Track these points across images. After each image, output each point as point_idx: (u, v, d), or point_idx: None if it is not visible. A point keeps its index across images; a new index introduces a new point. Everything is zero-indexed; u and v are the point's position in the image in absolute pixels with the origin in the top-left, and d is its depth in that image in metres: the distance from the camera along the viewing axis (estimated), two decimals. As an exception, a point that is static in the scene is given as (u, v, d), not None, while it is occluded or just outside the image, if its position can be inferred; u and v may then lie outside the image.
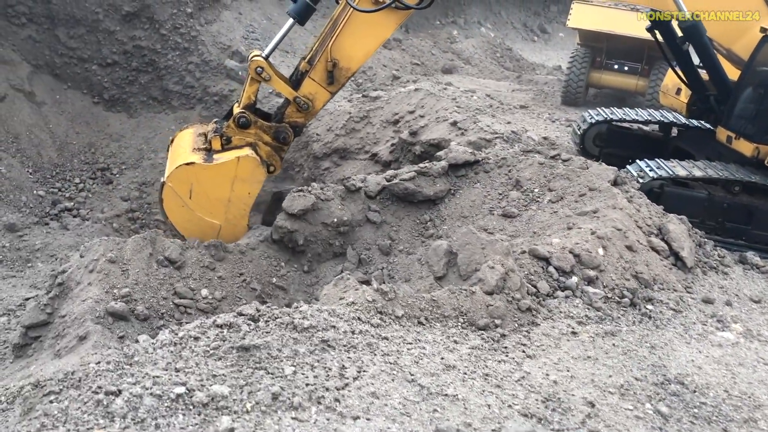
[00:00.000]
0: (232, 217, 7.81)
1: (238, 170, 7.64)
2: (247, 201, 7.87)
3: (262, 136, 7.96)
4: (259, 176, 7.83)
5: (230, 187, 7.67)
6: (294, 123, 8.12)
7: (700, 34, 8.59)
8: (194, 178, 7.59)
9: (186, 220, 7.72)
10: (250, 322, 4.77)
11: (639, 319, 6.04)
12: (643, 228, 7.16)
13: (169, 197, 7.69)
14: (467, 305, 5.49)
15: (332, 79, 7.85)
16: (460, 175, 8.31)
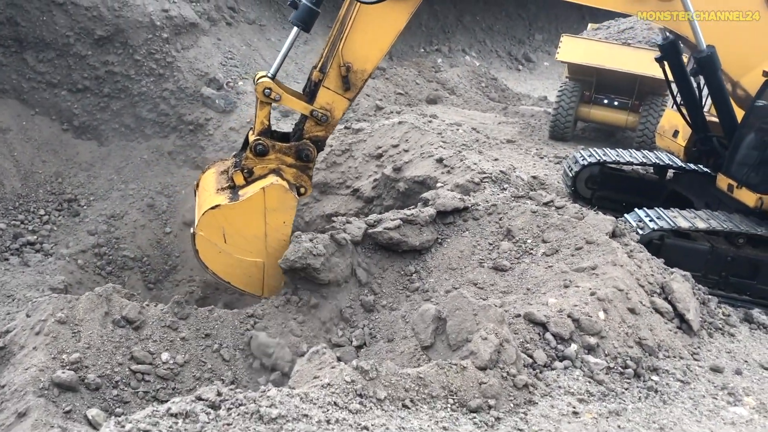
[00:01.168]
0: (273, 251, 7.20)
1: (266, 201, 7.14)
2: (285, 230, 7.28)
3: (284, 159, 7.44)
4: (290, 202, 7.30)
5: (263, 220, 7.18)
6: (315, 138, 7.56)
7: (714, 66, 8.10)
8: (224, 221, 7.12)
9: (227, 265, 7.26)
10: (209, 410, 4.14)
11: (645, 395, 5.48)
12: (645, 287, 6.63)
13: (203, 246, 7.23)
14: (458, 383, 4.90)
15: (348, 85, 7.29)
16: (448, 223, 7.77)
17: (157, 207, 13.78)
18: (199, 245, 7.24)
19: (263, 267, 7.29)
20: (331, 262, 6.78)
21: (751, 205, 7.85)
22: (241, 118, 14.64)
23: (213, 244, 7.18)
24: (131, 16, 14.51)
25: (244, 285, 7.39)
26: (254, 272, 7.28)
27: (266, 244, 7.20)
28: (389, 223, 7.32)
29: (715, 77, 8.22)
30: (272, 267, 7.19)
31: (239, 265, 7.25)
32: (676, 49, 8.62)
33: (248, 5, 18.34)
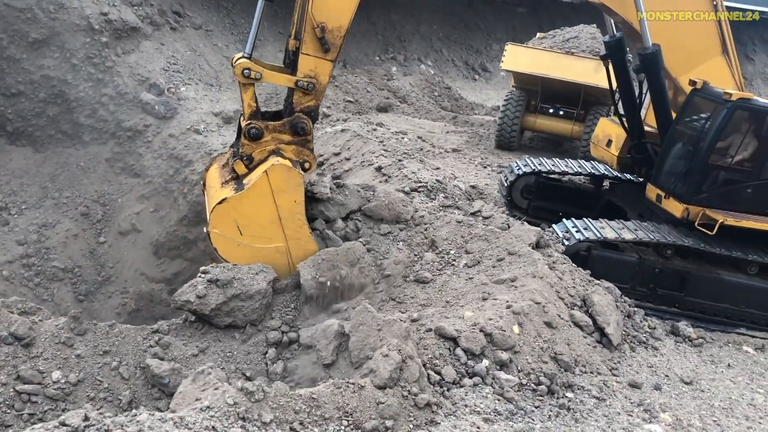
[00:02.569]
0: (293, 232, 7.03)
1: (272, 184, 6.88)
2: (298, 209, 7.02)
3: (280, 137, 7.19)
4: (296, 179, 6.97)
5: (273, 204, 6.92)
6: (307, 109, 7.27)
7: (658, 64, 8.13)
8: (235, 213, 6.88)
9: (250, 257, 6.94)
10: (71, 438, 3.81)
11: (556, 413, 5.28)
12: (565, 299, 6.46)
13: (220, 244, 6.97)
14: (354, 403, 4.64)
15: (327, 46, 6.90)
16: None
17: (92, 216, 13.32)
18: (216, 243, 6.99)
19: (287, 250, 7.11)
20: (230, 306, 6.38)
21: (678, 215, 7.78)
22: (182, 125, 14.26)
23: (230, 239, 6.95)
24: (68, 18, 14.07)
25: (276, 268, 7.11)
26: (278, 258, 7.07)
27: (282, 226, 7.00)
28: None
29: (657, 76, 8.23)
30: (295, 248, 7.07)
31: (261, 254, 7.02)
32: (622, 47, 8.63)
33: (195, 10, 17.96)
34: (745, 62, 36.68)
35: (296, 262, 7.08)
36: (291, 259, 7.16)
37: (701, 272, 7.69)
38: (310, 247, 7.12)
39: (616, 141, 9.25)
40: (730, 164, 7.92)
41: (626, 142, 9.05)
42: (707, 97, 8.01)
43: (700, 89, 8.05)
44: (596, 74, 12.96)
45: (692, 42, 8.60)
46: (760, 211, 7.88)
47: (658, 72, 8.22)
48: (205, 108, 14.94)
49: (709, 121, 7.78)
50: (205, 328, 6.48)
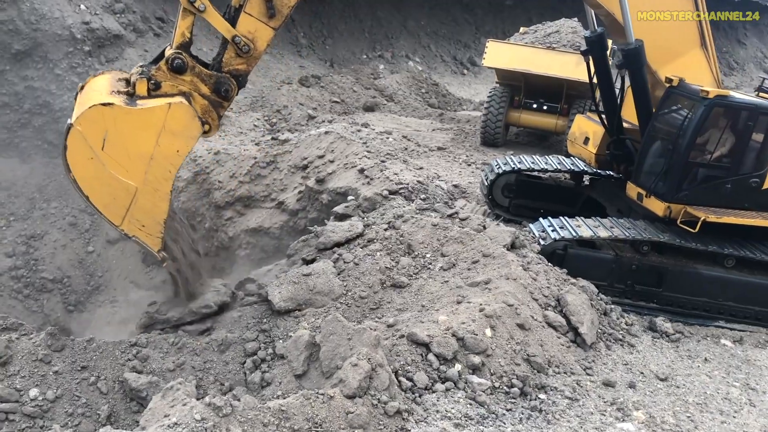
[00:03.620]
0: (153, 179, 6.16)
1: (168, 120, 6.06)
2: (174, 161, 6.24)
3: (199, 85, 6.33)
4: (193, 131, 6.25)
5: (155, 140, 6.08)
6: (235, 71, 6.46)
7: (641, 60, 8.06)
8: (111, 123, 5.90)
9: (93, 176, 6.02)
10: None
11: (528, 415, 5.33)
12: (539, 300, 6.51)
13: (75, 145, 5.92)
14: (323, 414, 4.69)
15: (273, 11, 6.31)
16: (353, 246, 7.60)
17: (80, 225, 13.35)
18: (71, 141, 5.94)
19: (134, 194, 6.17)
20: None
21: (660, 213, 7.76)
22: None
23: (88, 146, 5.93)
24: (50, 29, 14.08)
25: (104, 207, 6.21)
26: (121, 196, 6.17)
27: (148, 168, 6.12)
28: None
29: (640, 72, 8.17)
30: (144, 198, 6.17)
31: (108, 181, 6.07)
32: (603, 43, 8.62)
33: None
34: (737, 47, 36.72)
35: (136, 216, 6.28)
36: (131, 208, 6.23)
37: (678, 267, 7.74)
38: (161, 206, 6.33)
39: (593, 138, 9.25)
40: (710, 161, 7.91)
41: (604, 139, 9.05)
42: (684, 94, 8.00)
43: (676, 86, 8.05)
44: (577, 68, 12.97)
45: (672, 35, 8.55)
46: (739, 206, 7.89)
47: (641, 68, 8.17)
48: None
49: (687, 118, 7.78)
50: (182, 342, 6.54)
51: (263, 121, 15.43)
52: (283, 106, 15.99)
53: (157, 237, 6.53)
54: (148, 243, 6.52)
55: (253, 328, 6.77)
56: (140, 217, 6.26)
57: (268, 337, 6.68)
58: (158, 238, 6.55)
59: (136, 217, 6.25)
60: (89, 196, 6.10)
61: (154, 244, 6.58)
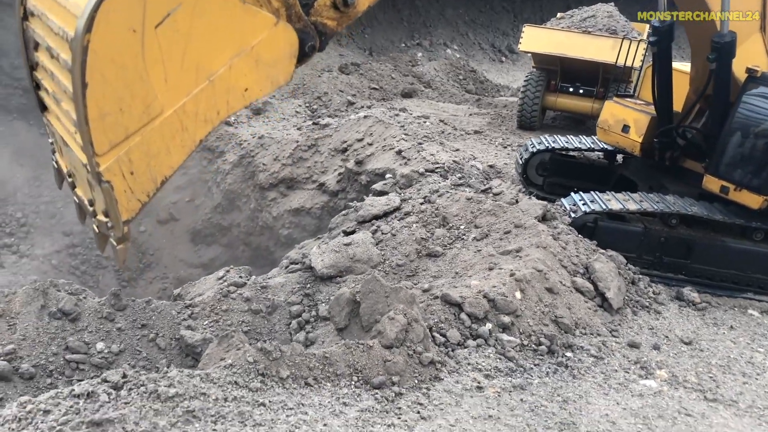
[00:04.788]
0: (192, 112, 3.85)
1: (263, 38, 4.02)
2: (235, 101, 4.01)
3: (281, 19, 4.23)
4: (283, 73, 4.25)
5: (233, 56, 3.93)
6: (322, 25, 4.57)
7: (732, 53, 7.77)
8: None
9: (117, 61, 3.46)
10: (111, 391, 4.39)
11: (554, 370, 5.68)
12: (568, 267, 6.83)
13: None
14: (363, 361, 5.12)
15: None
16: (391, 219, 8.01)
17: (132, 207, 14.03)
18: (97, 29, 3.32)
19: (151, 120, 3.71)
20: None
21: (756, 207, 7.76)
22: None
23: (140, 10, 3.47)
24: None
25: (98, 115, 3.58)
26: (134, 113, 4.01)
27: (196, 93, 3.80)
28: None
29: (728, 66, 7.87)
30: (160, 134, 3.78)
31: (133, 79, 3.60)
32: (671, 33, 8.31)
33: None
34: None
35: (132, 154, 3.67)
36: (133, 139, 3.65)
37: (706, 240, 7.94)
38: (173, 159, 3.88)
39: (635, 126, 9.10)
40: None
41: (650, 127, 8.91)
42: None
43: (759, 78, 7.84)
44: (613, 52, 13.19)
45: (739, 21, 8.05)
46: None
47: (731, 60, 7.87)
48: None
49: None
50: (231, 305, 7.04)
51: (304, 108, 15.93)
52: (323, 93, 16.46)
53: (137, 201, 3.87)
54: (120, 204, 3.73)
55: (298, 292, 7.23)
56: (138, 158, 3.79)
57: (312, 301, 7.14)
58: (137, 205, 3.88)
59: (133, 155, 3.78)
60: (89, 85, 3.42)
61: (128, 210, 3.82)
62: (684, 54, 16.22)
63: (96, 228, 3.92)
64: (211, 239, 13.66)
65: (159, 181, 3.92)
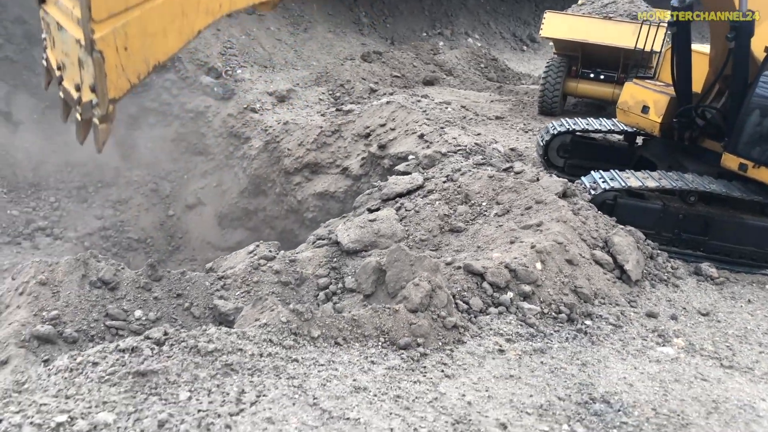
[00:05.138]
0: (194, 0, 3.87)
1: None
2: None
3: None
4: None
5: None
6: None
7: (751, 33, 7.83)
8: None
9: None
10: (154, 346, 4.68)
11: (573, 336, 5.89)
12: (587, 241, 7.02)
13: None
14: (389, 324, 5.37)
15: None
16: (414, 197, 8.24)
17: (161, 191, 14.43)
18: None
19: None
20: None
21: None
22: (239, 105, 15.21)
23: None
24: None
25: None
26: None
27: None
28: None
29: (747, 46, 7.93)
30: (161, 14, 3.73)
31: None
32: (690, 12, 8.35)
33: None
34: None
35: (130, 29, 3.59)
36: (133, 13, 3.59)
37: (725, 217, 8.07)
38: (169, 43, 3.84)
39: (655, 107, 9.24)
40: None
41: (670, 108, 9.04)
42: None
43: None
44: (634, 37, 13.26)
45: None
46: None
47: (749, 40, 7.92)
48: (260, 88, 15.85)
49: None
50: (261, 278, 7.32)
51: (327, 95, 16.19)
52: (346, 81, 16.70)
53: (126, 81, 3.71)
54: (109, 79, 3.60)
55: (325, 266, 7.49)
56: (134, 33, 3.68)
57: (338, 274, 7.40)
58: (127, 84, 3.71)
59: (129, 29, 3.66)
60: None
61: (116, 88, 3.67)
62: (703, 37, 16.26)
63: (79, 116, 3.74)
64: (237, 223, 14.01)
65: (151, 65, 3.80)
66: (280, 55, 17.80)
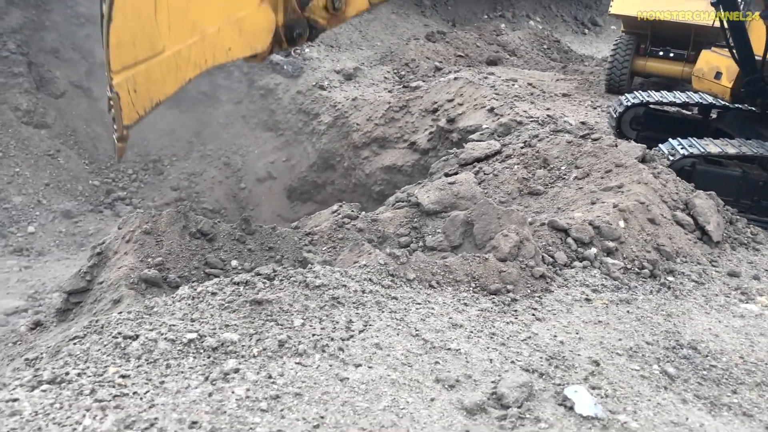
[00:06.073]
0: (185, 57, 5.05)
1: (249, 15, 5.26)
2: (219, 56, 5.24)
3: (279, 10, 5.48)
4: (259, 43, 5.42)
5: (222, 22, 5.18)
6: (314, 21, 5.69)
7: None
8: None
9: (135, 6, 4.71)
10: (265, 281, 5.02)
11: (657, 289, 6.03)
12: (668, 202, 7.11)
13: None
14: (480, 271, 5.61)
15: None
16: (492, 161, 8.44)
17: (233, 165, 14.94)
18: None
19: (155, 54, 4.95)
20: None
21: None
22: (308, 82, 15.59)
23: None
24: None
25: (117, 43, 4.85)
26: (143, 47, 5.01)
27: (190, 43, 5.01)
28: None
29: None
30: (161, 67, 4.98)
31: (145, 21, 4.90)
32: None
33: (314, -22, 19.23)
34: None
35: (138, 76, 4.85)
36: (140, 66, 4.87)
37: (806, 184, 8.05)
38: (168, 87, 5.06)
39: (726, 73, 9.33)
40: None
41: (740, 74, 9.03)
42: None
43: None
44: (704, 14, 13.11)
45: None
46: None
47: None
48: (327, 66, 16.20)
49: None
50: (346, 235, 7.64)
51: (393, 74, 16.44)
52: (410, 60, 16.92)
53: (136, 113, 5.01)
54: (123, 112, 4.86)
55: (406, 226, 7.75)
56: (141, 81, 4.93)
57: (419, 233, 7.65)
58: (136, 116, 5.02)
59: (137, 78, 4.89)
60: (114, 20, 4.63)
61: (128, 118, 4.95)
62: None
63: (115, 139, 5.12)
64: (305, 196, 14.41)
65: (154, 102, 5.04)
66: (346, 35, 18.11)
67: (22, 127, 14.14)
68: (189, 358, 4.07)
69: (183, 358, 4.06)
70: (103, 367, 3.92)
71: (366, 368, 4.21)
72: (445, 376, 4.26)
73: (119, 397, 3.62)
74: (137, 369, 3.92)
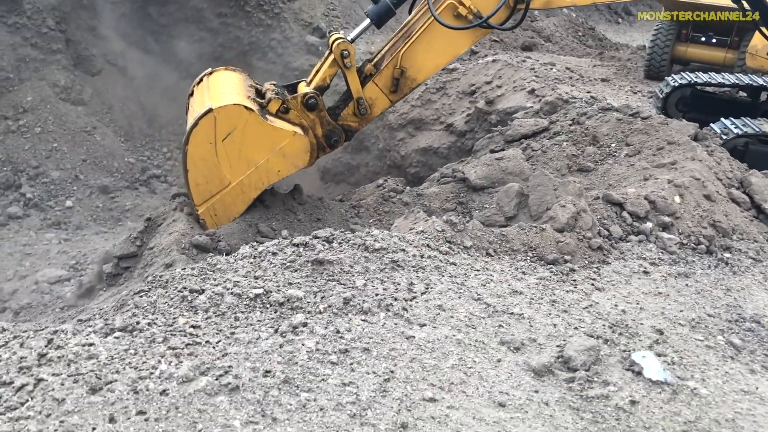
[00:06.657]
0: (247, 184, 7.01)
1: (287, 144, 7.02)
2: (271, 178, 7.12)
3: (317, 126, 7.35)
4: (299, 161, 7.27)
5: (267, 154, 6.98)
6: (348, 126, 7.61)
7: None
8: (242, 124, 6.75)
9: (202, 158, 6.83)
10: (324, 243, 4.99)
11: (715, 264, 5.92)
12: (723, 180, 6.98)
13: (205, 126, 6.67)
14: (537, 241, 5.54)
15: (396, 88, 7.42)
16: (540, 138, 8.35)
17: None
18: (203, 123, 6.65)
19: (225, 187, 6.99)
20: None
21: None
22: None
23: (213, 133, 6.71)
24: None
25: (195, 185, 6.96)
26: (214, 184, 6.97)
27: (248, 173, 6.97)
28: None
29: None
30: (231, 195, 7.01)
31: (211, 167, 6.88)
32: None
33: (349, -40, 19.16)
34: None
35: (216, 205, 7.03)
36: (215, 197, 7.01)
37: None
38: (240, 207, 7.08)
39: None
40: None
41: None
42: None
43: None
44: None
45: None
46: None
47: None
48: (362, 48, 16.10)
49: None
50: (391, 209, 7.61)
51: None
52: (446, 43, 16.76)
53: (216, 226, 7.04)
54: (209, 226, 7.04)
55: (452, 200, 7.70)
56: (218, 207, 7.02)
57: (465, 208, 7.60)
58: (215, 226, 7.05)
59: (216, 206, 7.01)
60: (189, 171, 6.84)
61: (212, 227, 7.01)
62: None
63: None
64: (339, 177, 14.35)
65: (231, 218, 7.06)
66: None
67: (59, 104, 14.23)
68: (256, 312, 4.05)
69: (251, 312, 4.05)
70: (173, 318, 3.92)
71: (431, 328, 4.17)
72: (509, 338, 4.21)
73: (192, 345, 3.61)
74: (206, 320, 3.92)
